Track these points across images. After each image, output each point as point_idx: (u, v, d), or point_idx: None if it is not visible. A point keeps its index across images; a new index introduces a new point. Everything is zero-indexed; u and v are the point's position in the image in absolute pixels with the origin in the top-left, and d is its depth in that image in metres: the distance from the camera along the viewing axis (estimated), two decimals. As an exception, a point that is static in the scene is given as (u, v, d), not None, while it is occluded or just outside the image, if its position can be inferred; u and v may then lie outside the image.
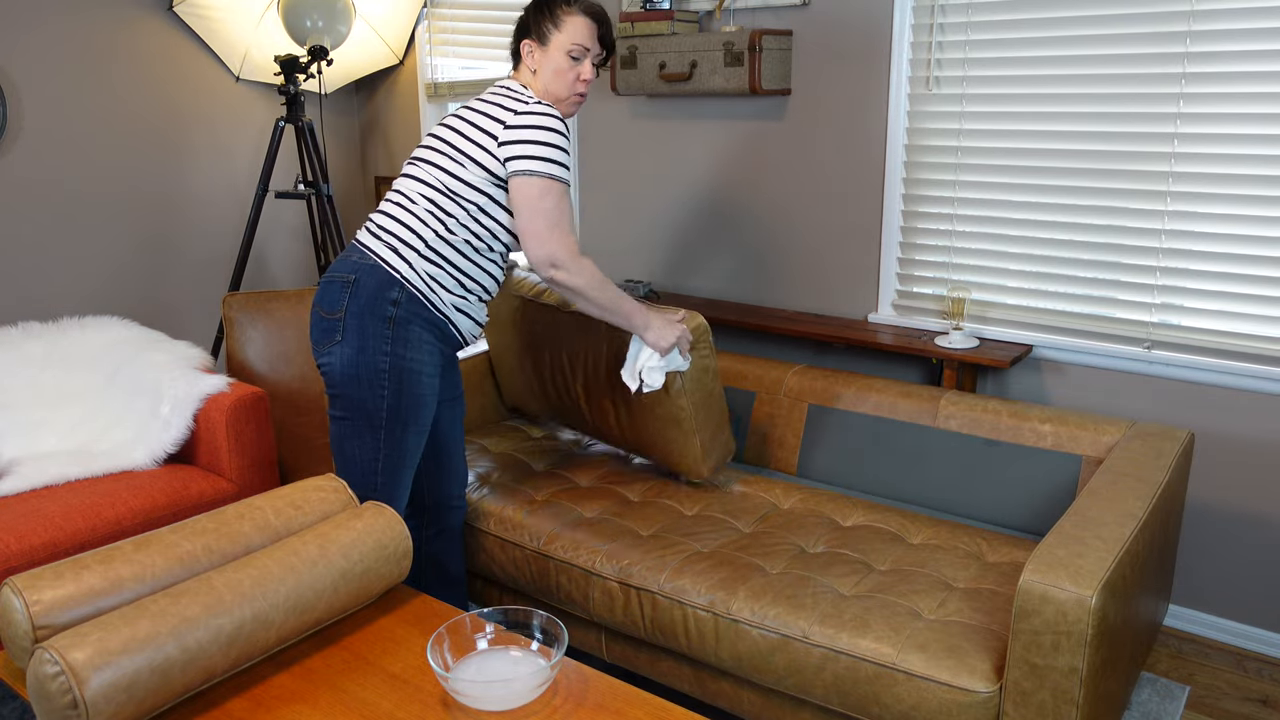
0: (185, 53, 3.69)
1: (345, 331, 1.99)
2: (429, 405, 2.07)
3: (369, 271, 1.99)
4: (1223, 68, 2.34)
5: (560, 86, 2.08)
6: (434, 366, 2.06)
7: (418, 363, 2.02)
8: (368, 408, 2.01)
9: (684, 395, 2.32)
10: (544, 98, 2.09)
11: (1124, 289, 2.58)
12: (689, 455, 2.43)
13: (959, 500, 2.45)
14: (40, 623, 1.47)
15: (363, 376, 1.99)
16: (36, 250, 3.36)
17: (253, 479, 2.63)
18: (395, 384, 2.00)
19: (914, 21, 2.76)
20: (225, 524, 1.71)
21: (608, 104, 3.48)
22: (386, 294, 1.98)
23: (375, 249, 2.02)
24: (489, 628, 1.65)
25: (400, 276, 1.99)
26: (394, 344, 1.99)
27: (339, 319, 1.99)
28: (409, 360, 2.01)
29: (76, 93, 3.38)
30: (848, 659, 1.86)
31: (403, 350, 2.00)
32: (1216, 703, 2.34)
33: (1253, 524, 2.50)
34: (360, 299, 1.98)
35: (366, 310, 1.98)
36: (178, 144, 3.71)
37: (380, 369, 1.99)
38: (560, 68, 2.06)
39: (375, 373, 1.99)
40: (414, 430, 2.06)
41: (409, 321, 2.00)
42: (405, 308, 1.99)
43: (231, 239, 3.93)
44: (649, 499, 2.49)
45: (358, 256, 2.03)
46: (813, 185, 3.04)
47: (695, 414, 2.36)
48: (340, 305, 1.99)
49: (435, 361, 2.06)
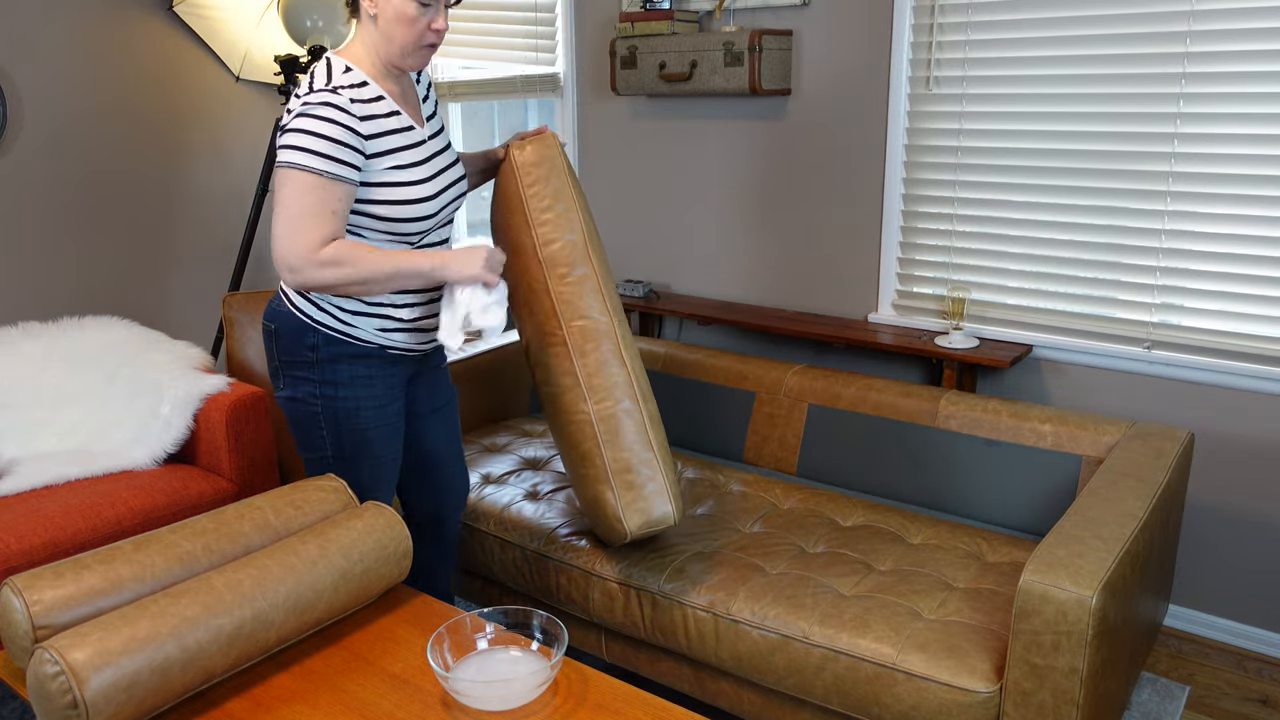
0: (185, 53, 3.69)
1: (281, 379, 1.96)
2: (380, 436, 1.98)
3: (285, 319, 1.92)
4: (1223, 68, 2.34)
5: (408, 35, 1.81)
6: (378, 397, 1.96)
7: (353, 400, 1.93)
8: (315, 449, 1.98)
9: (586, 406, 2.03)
10: (381, 50, 1.84)
11: (1124, 289, 2.58)
12: (601, 507, 2.06)
13: (959, 500, 2.45)
14: (40, 623, 1.47)
15: (301, 422, 1.96)
16: (36, 250, 3.36)
17: (253, 479, 2.63)
18: (332, 425, 1.95)
19: (914, 21, 2.76)
20: (225, 524, 1.71)
21: (608, 104, 3.48)
22: (303, 340, 1.91)
23: (285, 291, 1.94)
24: (489, 628, 1.65)
25: (310, 320, 1.90)
26: (322, 386, 1.92)
27: (276, 367, 1.96)
28: (341, 400, 1.93)
29: (76, 93, 3.38)
30: (848, 659, 1.86)
31: (333, 391, 1.92)
32: (1216, 703, 2.34)
33: (1253, 524, 2.50)
34: (283, 347, 1.93)
35: (290, 359, 1.93)
36: (178, 144, 3.71)
37: (314, 413, 1.94)
38: (407, 14, 1.79)
39: (310, 418, 1.95)
40: (368, 463, 1.99)
41: (334, 361, 1.91)
42: (325, 350, 1.91)
43: (231, 239, 3.93)
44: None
45: (276, 302, 1.95)
46: (813, 185, 3.04)
47: (608, 439, 2.02)
48: (272, 354, 1.96)
49: (379, 391, 1.96)
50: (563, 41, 3.55)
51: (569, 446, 2.09)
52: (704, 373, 2.88)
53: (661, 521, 2.03)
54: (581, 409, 2.02)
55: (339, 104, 1.77)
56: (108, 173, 3.52)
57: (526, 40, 3.65)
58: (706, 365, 2.89)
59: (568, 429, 2.07)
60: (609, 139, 3.51)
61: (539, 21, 3.59)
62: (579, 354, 2.02)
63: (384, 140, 1.83)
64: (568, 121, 3.60)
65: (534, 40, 3.63)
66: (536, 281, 2.05)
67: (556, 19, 3.55)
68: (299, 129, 1.75)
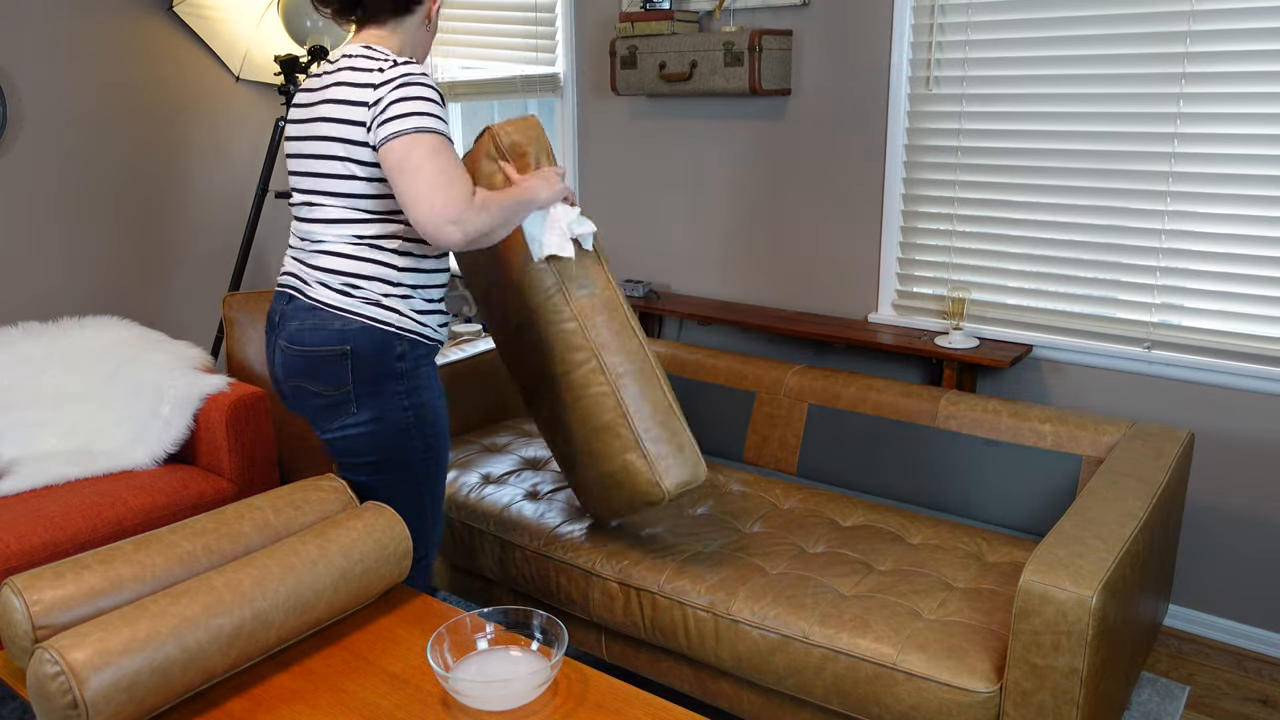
0: (185, 53, 3.69)
1: (357, 404, 1.84)
2: (448, 426, 2.00)
3: (362, 335, 1.80)
4: (1223, 68, 2.34)
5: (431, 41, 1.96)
6: (439, 389, 1.96)
7: (433, 397, 1.92)
8: (399, 465, 1.90)
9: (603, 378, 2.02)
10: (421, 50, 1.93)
11: (1124, 289, 2.58)
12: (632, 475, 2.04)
13: (959, 500, 2.45)
14: (40, 623, 1.47)
15: (389, 441, 1.87)
16: (36, 250, 3.36)
17: (253, 479, 2.63)
18: (421, 431, 1.90)
19: (914, 21, 2.76)
20: (225, 524, 1.71)
21: (608, 104, 3.48)
22: (390, 352, 1.82)
23: (350, 309, 1.81)
24: (489, 628, 1.65)
25: (393, 328, 1.82)
26: (411, 396, 1.87)
27: (347, 392, 1.83)
28: (426, 404, 1.90)
29: (76, 93, 3.38)
30: (848, 659, 1.86)
31: (419, 397, 1.88)
32: (1216, 703, 2.34)
33: (1253, 524, 2.50)
34: (366, 366, 1.81)
35: (376, 375, 1.83)
36: (178, 144, 3.71)
37: (406, 426, 1.87)
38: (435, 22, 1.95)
39: (401, 432, 1.87)
40: (446, 459, 1.99)
41: (418, 367, 1.88)
42: (411, 356, 1.86)
43: (231, 239, 3.93)
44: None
45: (340, 324, 1.80)
46: (813, 185, 3.04)
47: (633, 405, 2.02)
48: (344, 380, 1.82)
49: (439, 384, 1.97)
50: (563, 41, 3.55)
51: (584, 425, 2.08)
52: (704, 373, 2.89)
53: (695, 479, 2.03)
54: (599, 381, 2.02)
55: (429, 77, 1.80)
56: (108, 173, 3.52)
57: (526, 40, 3.65)
58: (706, 365, 2.89)
59: (580, 407, 2.06)
60: (609, 139, 3.51)
61: (539, 21, 3.59)
62: (589, 326, 2.03)
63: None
64: (568, 121, 3.60)
65: (534, 40, 3.63)
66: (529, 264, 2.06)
67: (556, 19, 3.55)
68: (418, 96, 1.71)
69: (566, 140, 3.62)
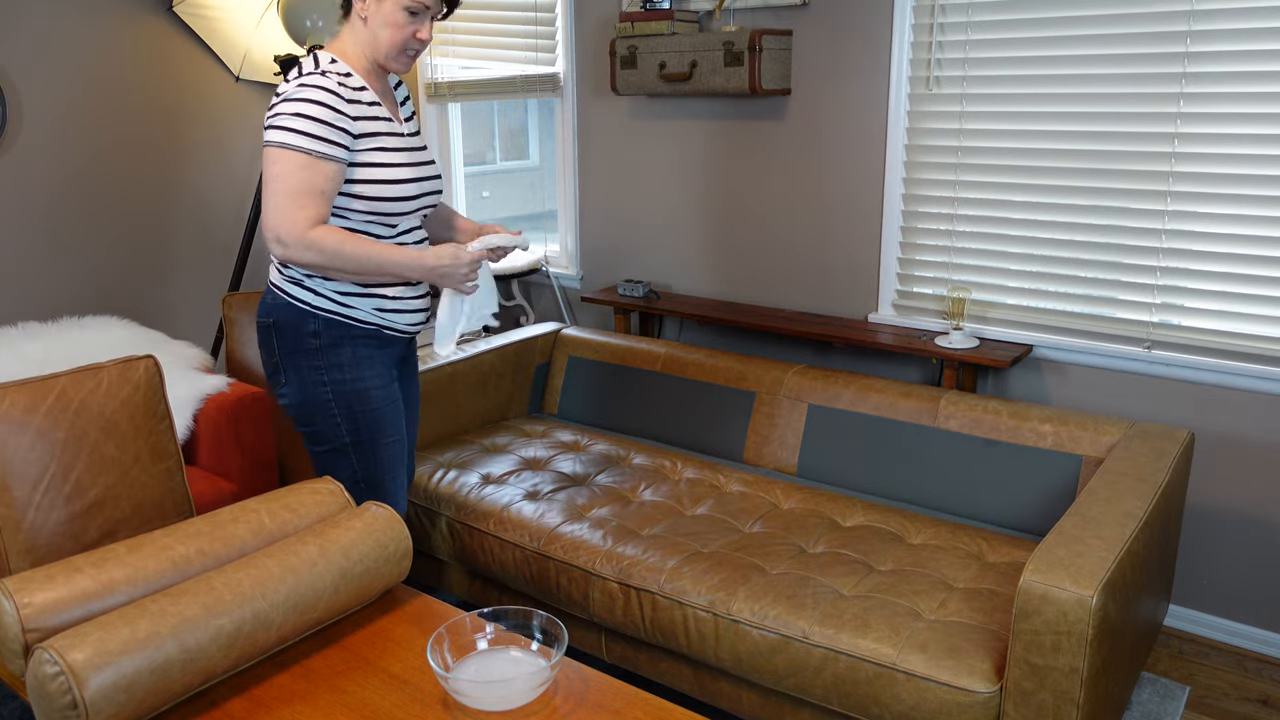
0: (185, 53, 3.69)
1: (285, 373, 1.99)
2: (389, 415, 2.04)
3: (282, 310, 1.96)
4: (1223, 68, 2.34)
5: (394, 39, 1.90)
6: (380, 376, 2.02)
7: (361, 381, 1.99)
8: (329, 438, 2.01)
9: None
10: (368, 49, 1.93)
11: (1124, 289, 2.58)
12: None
13: (959, 500, 2.45)
14: (30, 626, 1.46)
15: (314, 412, 1.99)
16: (36, 250, 3.36)
17: (252, 479, 2.63)
18: (345, 409, 1.99)
19: (914, 21, 2.76)
20: (219, 527, 1.71)
21: (608, 104, 3.48)
22: (304, 328, 1.95)
23: (279, 284, 1.98)
24: (489, 628, 1.65)
25: (309, 307, 1.95)
26: (329, 372, 1.97)
27: (276, 363, 1.99)
28: (350, 383, 1.98)
29: (76, 93, 3.38)
30: (848, 659, 1.86)
31: (340, 375, 1.97)
32: (1216, 703, 2.34)
33: (1253, 524, 2.50)
34: (284, 339, 1.96)
35: (293, 349, 1.96)
36: (177, 144, 3.71)
37: (324, 401, 1.98)
38: (395, 21, 1.89)
39: (321, 407, 1.98)
40: (383, 444, 2.05)
41: (337, 346, 1.97)
42: (327, 335, 1.96)
43: (231, 239, 3.93)
44: (650, 499, 2.49)
45: (270, 297, 1.99)
46: (813, 185, 3.04)
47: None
48: (272, 350, 1.99)
49: (380, 370, 2.02)
50: (563, 41, 3.54)
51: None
52: (704, 373, 2.88)
53: None
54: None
55: (327, 85, 1.85)
56: (108, 172, 3.52)
57: (526, 40, 3.65)
58: (706, 365, 2.89)
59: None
60: (609, 139, 3.51)
61: (539, 21, 3.59)
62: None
63: (369, 123, 1.91)
64: (568, 121, 3.60)
65: (534, 40, 3.63)
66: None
67: (556, 19, 3.55)
68: (288, 111, 1.82)
69: (567, 140, 3.62)
